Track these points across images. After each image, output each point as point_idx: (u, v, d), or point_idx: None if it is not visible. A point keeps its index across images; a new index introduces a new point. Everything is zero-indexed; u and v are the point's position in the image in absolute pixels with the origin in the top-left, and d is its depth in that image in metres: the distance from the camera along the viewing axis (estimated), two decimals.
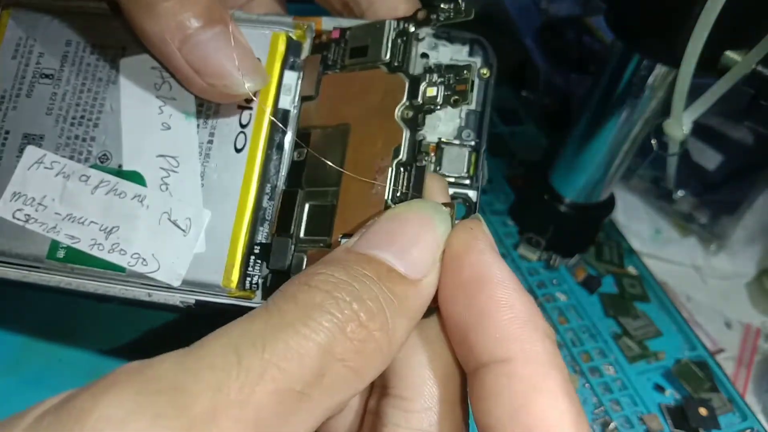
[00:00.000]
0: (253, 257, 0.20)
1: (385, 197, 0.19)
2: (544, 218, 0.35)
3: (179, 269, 0.20)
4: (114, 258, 0.20)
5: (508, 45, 0.48)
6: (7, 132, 0.22)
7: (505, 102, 0.46)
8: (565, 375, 0.15)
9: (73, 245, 0.20)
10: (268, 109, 0.21)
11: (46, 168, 0.21)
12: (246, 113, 0.21)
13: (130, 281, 0.20)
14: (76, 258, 0.20)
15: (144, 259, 0.20)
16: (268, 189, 0.20)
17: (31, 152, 0.21)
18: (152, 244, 0.20)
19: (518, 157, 0.42)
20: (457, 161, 0.20)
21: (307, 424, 0.14)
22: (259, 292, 0.20)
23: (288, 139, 0.21)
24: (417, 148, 0.19)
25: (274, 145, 0.21)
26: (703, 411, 0.30)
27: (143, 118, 0.21)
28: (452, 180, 0.19)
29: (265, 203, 0.20)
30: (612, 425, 0.30)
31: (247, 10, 0.24)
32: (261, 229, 0.20)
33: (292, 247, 0.20)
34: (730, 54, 0.24)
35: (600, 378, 0.32)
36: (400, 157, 0.19)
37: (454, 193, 0.19)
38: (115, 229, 0.20)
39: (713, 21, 0.22)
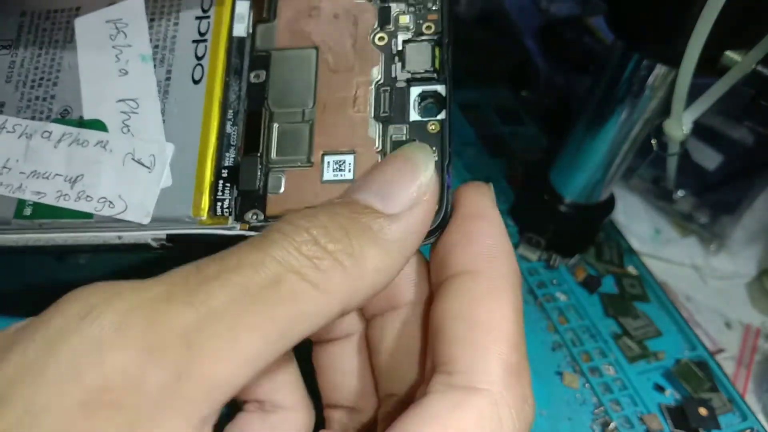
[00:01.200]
0: (221, 182, 0.20)
1: (368, 114, 0.19)
2: (544, 218, 0.35)
3: (147, 206, 0.19)
4: (80, 206, 0.20)
5: (508, 45, 0.48)
6: None
7: (505, 102, 0.46)
8: (519, 298, 0.17)
9: (40, 200, 0.20)
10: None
11: (8, 132, 0.21)
12: (201, 45, 0.21)
13: (99, 226, 0.20)
14: (44, 212, 0.20)
15: (111, 202, 0.20)
16: (230, 115, 0.20)
17: None
18: (118, 186, 0.20)
19: (518, 157, 0.42)
20: (421, 55, 0.20)
21: (266, 330, 0.14)
22: (231, 218, 0.19)
23: (246, 62, 0.21)
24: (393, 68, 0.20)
25: (232, 71, 0.21)
26: (703, 411, 0.30)
27: (101, 69, 0.21)
28: (419, 76, 0.20)
29: (228, 129, 0.20)
30: (612, 425, 0.30)
31: None
32: (227, 154, 0.20)
33: (262, 167, 0.19)
34: (730, 54, 0.24)
35: (600, 378, 0.32)
36: (379, 78, 0.19)
37: (422, 91, 0.19)
38: (80, 178, 0.20)
39: (713, 21, 0.22)
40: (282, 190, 0.19)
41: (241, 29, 0.21)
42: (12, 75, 0.22)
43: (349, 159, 0.19)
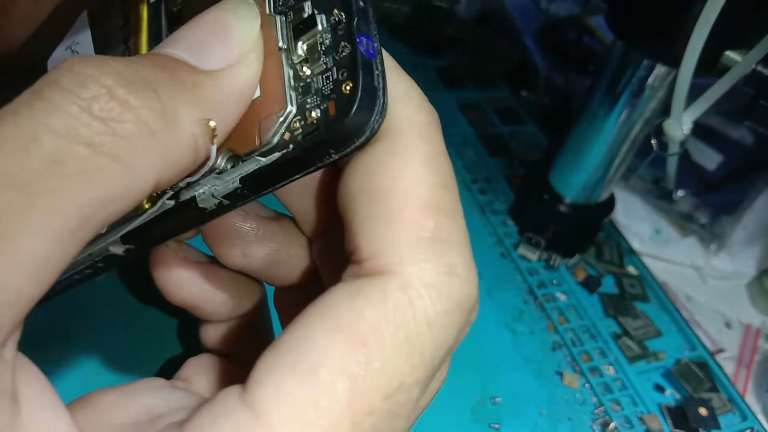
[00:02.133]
0: None
1: (266, 11, 0.15)
2: (544, 218, 0.35)
3: None
4: None
5: (508, 45, 0.48)
6: None
7: (505, 102, 0.46)
8: (435, 144, 0.14)
9: None
10: None
11: None
12: (126, 28, 0.17)
13: None
14: None
15: None
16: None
17: None
18: None
19: (518, 157, 0.42)
20: None
21: (55, 226, 0.11)
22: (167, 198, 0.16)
23: (164, 23, 0.17)
24: None
25: (152, 36, 0.17)
26: (703, 411, 0.30)
27: None
28: None
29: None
30: (612, 425, 0.30)
31: None
32: None
33: None
34: (730, 54, 0.24)
35: (600, 378, 0.32)
36: None
37: None
38: None
39: (713, 21, 0.22)
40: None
41: None
42: None
43: None
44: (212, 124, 0.13)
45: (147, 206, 0.15)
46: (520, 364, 0.31)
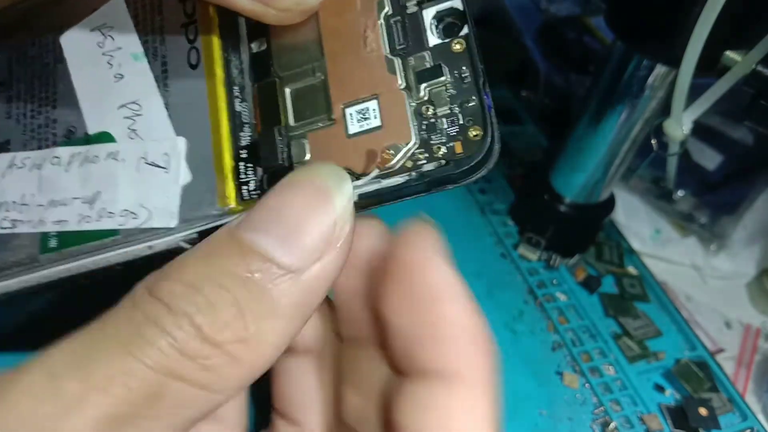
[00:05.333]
0: (242, 164, 0.18)
1: (383, 52, 0.17)
2: (544, 218, 0.35)
3: (171, 208, 0.18)
4: (104, 224, 0.19)
5: (508, 45, 0.48)
6: None
7: (505, 102, 0.46)
8: (493, 396, 0.15)
9: (62, 229, 0.19)
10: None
11: (18, 168, 0.20)
12: (191, 27, 0.19)
13: (127, 240, 0.18)
14: (69, 241, 0.19)
15: (133, 213, 0.18)
16: (236, 92, 0.18)
17: (2, 159, 0.21)
18: (137, 194, 0.19)
19: (518, 157, 0.42)
20: None
21: None
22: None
23: (243, 33, 0.19)
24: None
25: (229, 46, 0.19)
26: (703, 411, 0.30)
27: (96, 80, 0.20)
28: None
29: (238, 107, 0.18)
30: (612, 425, 0.30)
31: None
32: (243, 134, 0.18)
33: (283, 137, 0.18)
34: (730, 54, 0.24)
35: (600, 378, 0.32)
36: (386, 9, 0.17)
37: (437, 12, 0.17)
38: (98, 196, 0.19)
39: (713, 21, 0.22)
40: (308, 156, 0.17)
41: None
42: (11, 110, 0.21)
43: (373, 105, 0.17)
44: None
45: (254, 202, 0.16)
46: (520, 364, 0.31)
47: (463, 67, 0.16)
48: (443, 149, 0.16)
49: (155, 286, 0.13)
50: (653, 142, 0.30)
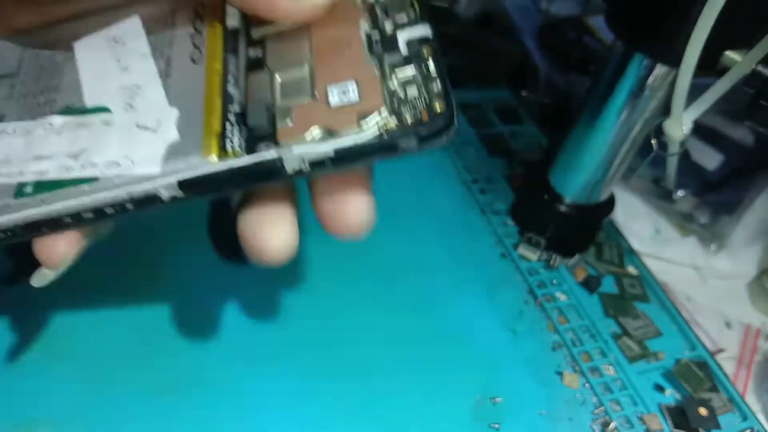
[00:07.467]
0: (228, 124, 0.19)
1: (362, 51, 0.20)
2: (544, 218, 0.35)
3: (155, 157, 0.19)
4: (85, 173, 0.19)
5: (508, 45, 0.48)
6: None
7: (505, 102, 0.46)
8: None
9: (42, 178, 0.19)
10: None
11: (8, 135, 0.21)
12: (198, 37, 0.21)
13: (106, 186, 0.19)
14: (45, 187, 0.19)
15: (116, 162, 0.19)
16: (231, 80, 0.20)
17: None
18: (124, 149, 0.19)
19: (518, 157, 0.42)
20: (400, 6, 0.20)
21: None
22: (244, 153, 0.19)
23: (242, 46, 0.21)
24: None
25: (229, 50, 0.21)
26: (703, 411, 0.30)
27: (101, 69, 0.21)
28: (404, 23, 0.20)
29: (231, 90, 0.20)
30: (612, 425, 0.30)
31: None
32: (231, 106, 0.20)
33: (269, 110, 0.19)
34: (730, 54, 0.24)
35: (600, 378, 0.32)
36: (366, 28, 0.20)
37: (409, 38, 0.20)
38: (84, 152, 0.20)
39: (713, 21, 0.22)
40: (291, 123, 0.19)
41: (233, 21, 0.21)
42: (13, 93, 0.22)
43: (352, 85, 0.19)
44: None
45: (236, 155, 0.19)
46: (520, 364, 0.31)
47: (429, 62, 0.19)
48: (410, 118, 0.18)
49: None
50: (653, 142, 0.30)
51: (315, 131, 0.18)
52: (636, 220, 0.41)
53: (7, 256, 0.30)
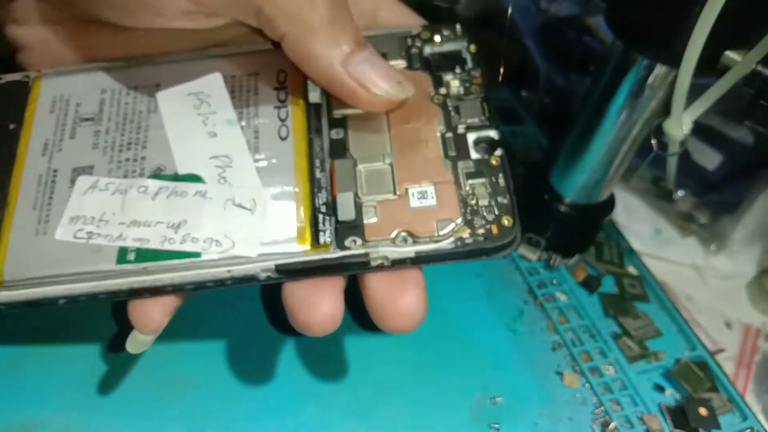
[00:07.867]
0: (320, 215, 0.21)
1: (439, 154, 0.22)
2: (544, 218, 0.35)
3: (255, 241, 0.20)
4: (187, 247, 0.20)
5: (508, 45, 0.48)
6: (55, 171, 0.22)
7: (505, 102, 0.46)
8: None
9: (143, 246, 0.20)
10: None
11: (101, 190, 0.21)
12: (283, 110, 0.23)
13: (207, 264, 0.20)
14: (148, 256, 0.20)
15: (217, 241, 0.20)
16: (317, 163, 0.22)
17: (84, 180, 0.22)
18: (222, 227, 0.20)
19: (518, 157, 0.42)
20: (473, 109, 0.23)
21: None
22: (333, 245, 0.21)
23: (324, 123, 0.23)
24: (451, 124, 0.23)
25: (313, 129, 0.23)
26: (703, 411, 0.30)
27: (189, 132, 0.22)
28: (474, 125, 0.23)
29: (318, 174, 0.22)
30: (612, 425, 0.30)
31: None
32: (320, 194, 0.21)
33: (356, 201, 0.21)
34: (730, 54, 0.24)
35: (600, 378, 0.32)
36: (442, 128, 0.23)
37: (477, 137, 0.23)
38: (183, 223, 0.20)
39: (713, 21, 0.22)
40: (376, 219, 0.21)
41: (315, 96, 0.23)
42: (98, 142, 0.23)
43: (430, 189, 0.21)
44: None
45: (328, 247, 0.21)
46: (520, 364, 0.31)
47: (499, 175, 0.22)
48: (482, 229, 0.21)
49: None
50: (653, 142, 0.30)
51: (400, 234, 0.20)
52: (636, 220, 0.41)
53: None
